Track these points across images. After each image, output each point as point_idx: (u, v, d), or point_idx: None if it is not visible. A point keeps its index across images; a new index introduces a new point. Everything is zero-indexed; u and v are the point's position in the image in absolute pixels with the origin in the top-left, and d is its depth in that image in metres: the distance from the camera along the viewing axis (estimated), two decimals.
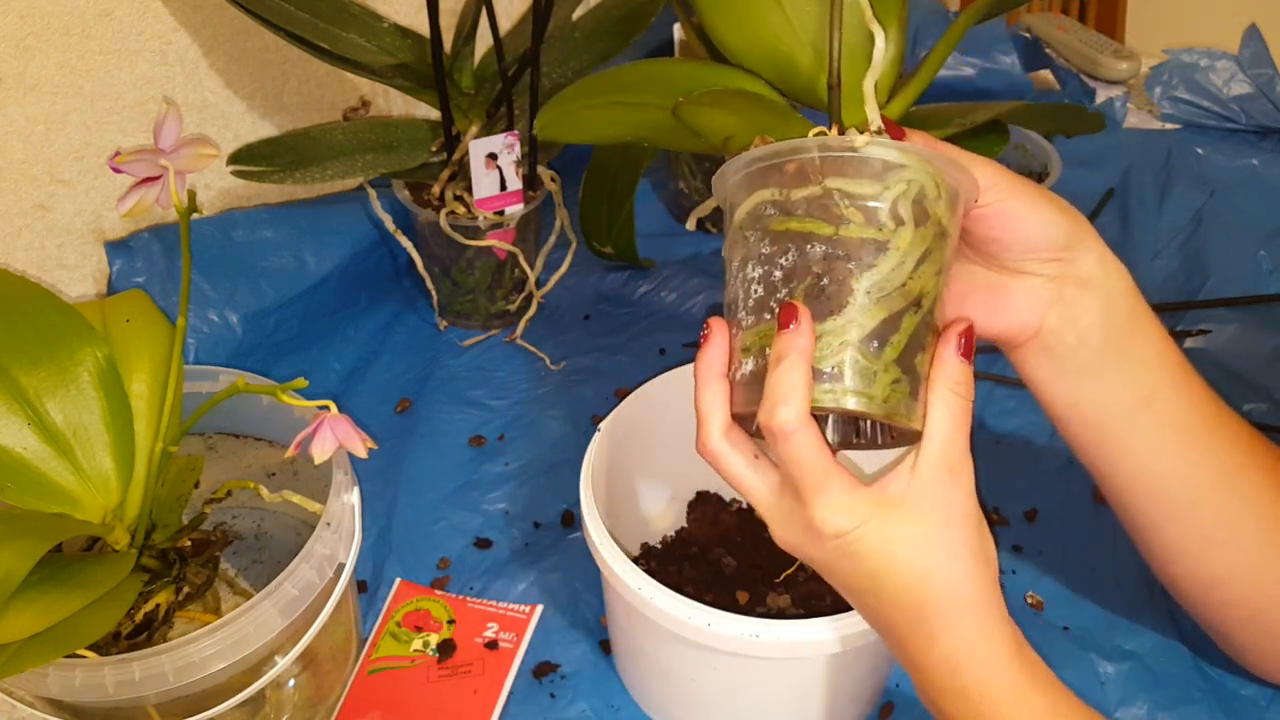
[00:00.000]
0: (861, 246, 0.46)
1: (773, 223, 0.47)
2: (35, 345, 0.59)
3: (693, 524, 0.74)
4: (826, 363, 0.46)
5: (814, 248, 0.46)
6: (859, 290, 0.46)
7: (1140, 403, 0.53)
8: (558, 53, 0.86)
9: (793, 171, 0.47)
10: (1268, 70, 1.10)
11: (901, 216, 0.46)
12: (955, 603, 0.46)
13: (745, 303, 0.48)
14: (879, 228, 0.46)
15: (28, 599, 0.50)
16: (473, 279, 0.90)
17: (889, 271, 0.46)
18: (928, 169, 0.46)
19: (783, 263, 0.47)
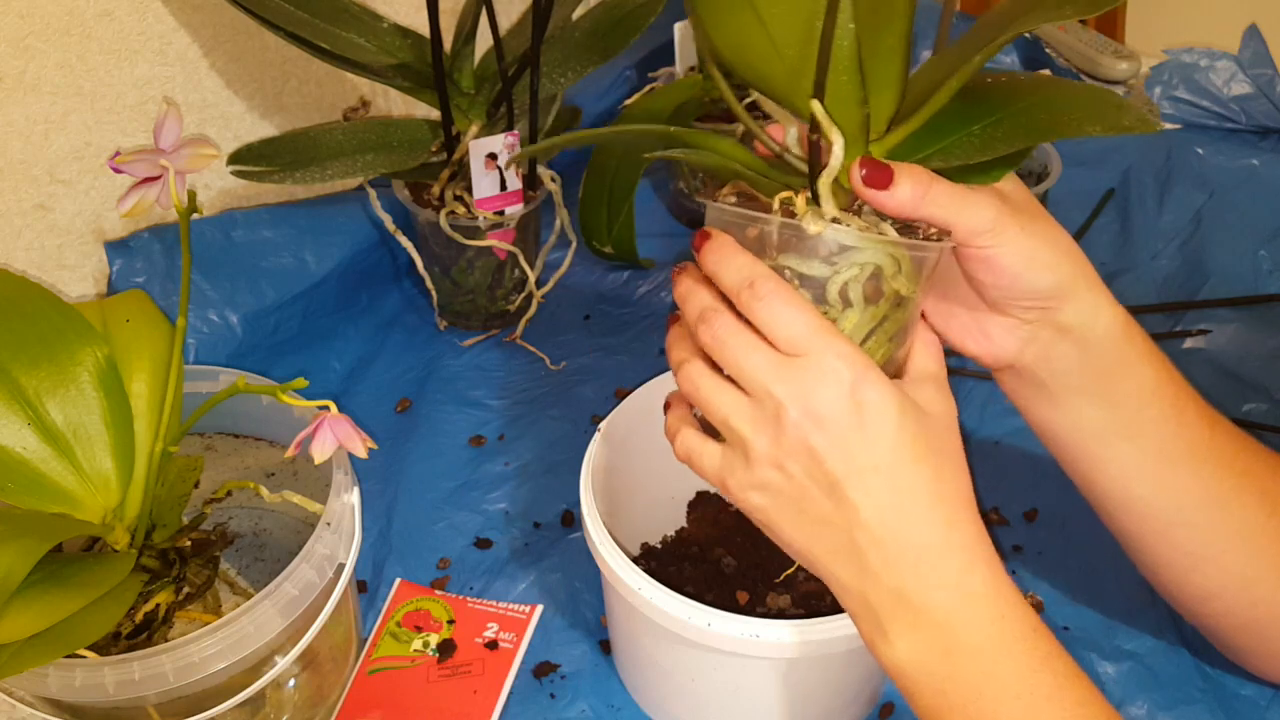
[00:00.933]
0: None
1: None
2: (35, 345, 0.59)
3: (693, 524, 0.74)
4: None
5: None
6: None
7: (1117, 434, 0.53)
8: (558, 53, 0.86)
9: (753, 236, 0.47)
10: (1268, 70, 1.10)
11: (850, 299, 0.46)
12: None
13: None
14: (826, 309, 0.46)
15: (28, 599, 0.50)
16: (473, 279, 0.90)
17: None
18: (886, 249, 0.46)
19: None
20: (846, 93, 0.45)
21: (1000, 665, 0.44)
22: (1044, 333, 0.51)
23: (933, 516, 0.45)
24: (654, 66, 1.06)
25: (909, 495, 0.45)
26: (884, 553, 0.45)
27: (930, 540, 0.45)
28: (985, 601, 0.45)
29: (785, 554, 0.70)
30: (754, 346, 0.46)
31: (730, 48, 0.46)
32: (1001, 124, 0.47)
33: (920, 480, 0.45)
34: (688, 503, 0.75)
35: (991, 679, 0.44)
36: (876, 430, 0.45)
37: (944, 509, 0.45)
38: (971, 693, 0.44)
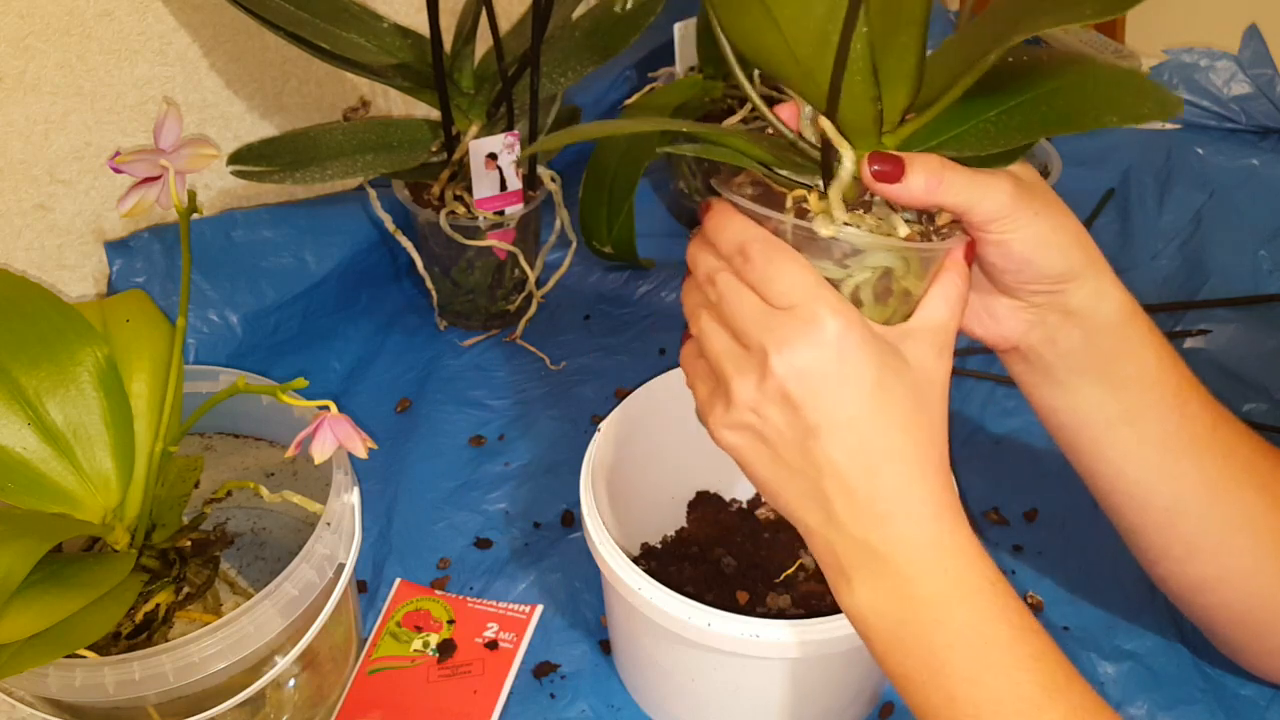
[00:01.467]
0: None
1: None
2: (35, 345, 0.59)
3: (693, 524, 0.74)
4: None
5: None
6: None
7: (1121, 419, 0.53)
8: (558, 53, 0.86)
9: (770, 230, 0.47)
10: (1268, 70, 1.10)
11: (861, 299, 0.47)
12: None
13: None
14: None
15: (28, 599, 0.50)
16: (473, 279, 0.90)
17: None
18: (900, 253, 0.47)
19: None
20: (860, 90, 0.45)
21: (955, 614, 0.45)
22: (1050, 316, 0.52)
23: (900, 470, 0.46)
24: (654, 66, 1.06)
25: (879, 448, 0.46)
26: (851, 502, 0.46)
27: (896, 493, 0.46)
28: (945, 552, 0.46)
29: (785, 554, 0.71)
30: (746, 298, 0.47)
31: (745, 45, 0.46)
32: (1017, 112, 0.46)
33: (891, 434, 0.46)
34: (688, 503, 0.75)
35: (945, 627, 0.45)
36: (854, 383, 0.45)
37: (912, 464, 0.46)
38: (926, 640, 0.45)
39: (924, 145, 0.48)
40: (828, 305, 0.45)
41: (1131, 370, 0.53)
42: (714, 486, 0.75)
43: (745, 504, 0.75)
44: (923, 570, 0.45)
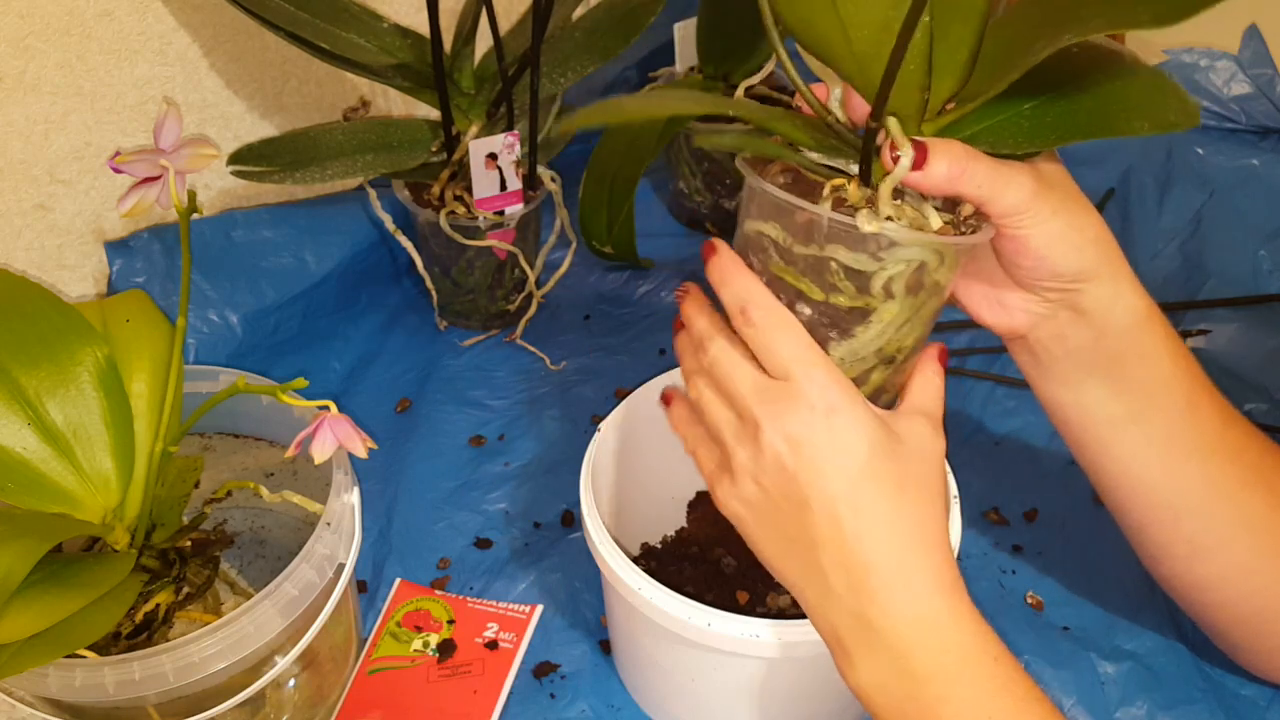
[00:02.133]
0: (848, 315, 0.47)
1: (772, 264, 0.48)
2: (35, 345, 0.59)
3: (693, 524, 0.74)
4: None
5: (802, 306, 0.48)
6: (834, 355, 0.48)
7: (1127, 419, 0.53)
8: (558, 53, 0.86)
9: (801, 223, 0.47)
10: (1268, 70, 1.10)
11: (893, 292, 0.47)
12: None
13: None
14: (868, 299, 0.47)
15: (28, 599, 0.50)
16: (473, 279, 0.90)
17: (866, 341, 0.48)
18: (935, 248, 0.46)
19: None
20: (912, 79, 0.45)
21: (955, 690, 0.45)
22: (1062, 313, 0.51)
23: (895, 544, 0.46)
24: (654, 66, 1.06)
25: (871, 522, 0.46)
26: (847, 575, 0.46)
27: (890, 566, 0.46)
28: (944, 627, 0.45)
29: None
30: (741, 368, 0.48)
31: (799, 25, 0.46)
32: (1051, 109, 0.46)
33: (885, 508, 0.46)
34: (688, 503, 0.75)
35: (947, 703, 0.45)
36: (847, 455, 0.46)
37: (907, 537, 0.46)
38: (930, 716, 0.45)
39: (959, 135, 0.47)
40: (823, 380, 0.46)
41: (1142, 373, 0.52)
42: None
43: None
44: (921, 646, 0.45)
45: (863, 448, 0.46)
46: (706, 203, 1.03)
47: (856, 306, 0.47)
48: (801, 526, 0.47)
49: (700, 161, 1.00)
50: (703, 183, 1.02)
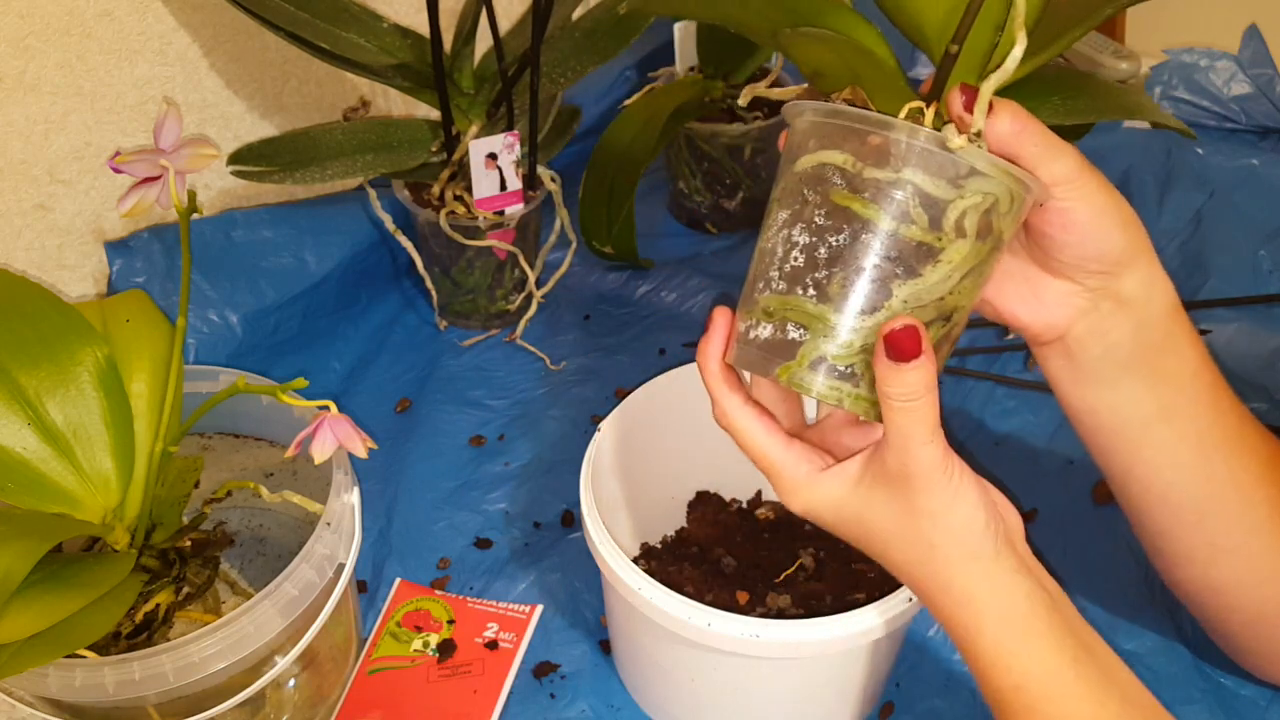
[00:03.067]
0: (916, 251, 0.44)
1: (835, 193, 0.45)
2: (35, 345, 0.59)
3: (693, 524, 0.74)
4: (843, 361, 0.45)
5: (868, 238, 0.44)
6: (897, 298, 0.45)
7: (1159, 416, 0.53)
8: (558, 53, 0.86)
9: (874, 145, 0.45)
10: (1268, 70, 1.10)
11: (965, 229, 0.45)
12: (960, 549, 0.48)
13: (781, 265, 0.47)
14: (939, 235, 0.44)
15: (28, 599, 0.50)
16: (473, 279, 0.90)
17: (932, 284, 0.45)
18: (1009, 183, 0.45)
19: (833, 242, 0.45)
20: (981, 33, 0.45)
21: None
22: (1104, 303, 0.50)
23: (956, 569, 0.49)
24: (654, 66, 1.06)
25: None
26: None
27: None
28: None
29: (785, 554, 0.71)
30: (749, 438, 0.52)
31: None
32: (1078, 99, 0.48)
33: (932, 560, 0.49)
34: (688, 503, 0.75)
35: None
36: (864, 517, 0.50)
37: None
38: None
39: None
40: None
41: (1174, 365, 0.52)
42: (714, 486, 0.75)
43: (745, 504, 0.75)
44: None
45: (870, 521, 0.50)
46: (706, 203, 1.03)
47: (925, 243, 0.44)
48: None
49: (700, 161, 1.00)
50: (703, 183, 1.02)
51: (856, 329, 0.45)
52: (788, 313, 0.46)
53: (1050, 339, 0.52)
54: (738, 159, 1.00)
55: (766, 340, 0.47)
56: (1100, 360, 0.52)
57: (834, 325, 0.45)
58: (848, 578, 0.68)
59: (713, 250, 1.02)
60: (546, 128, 0.88)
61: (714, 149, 0.99)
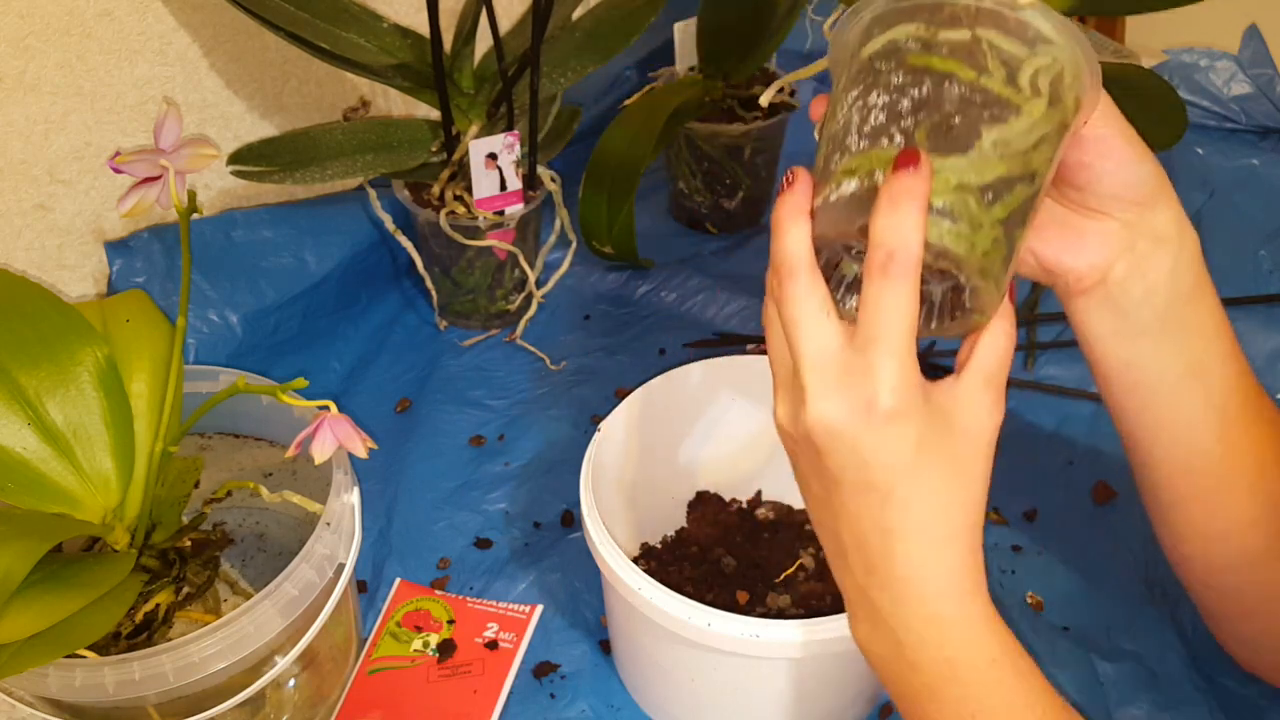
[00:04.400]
0: (997, 101, 0.44)
1: (911, 56, 0.45)
2: (35, 345, 0.59)
3: (692, 524, 0.74)
4: (938, 199, 0.44)
5: (950, 86, 0.44)
6: (987, 139, 0.44)
7: (1189, 371, 0.53)
8: (558, 53, 0.86)
9: (945, 14, 0.45)
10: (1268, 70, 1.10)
11: (1040, 89, 0.45)
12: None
13: (860, 128, 0.46)
14: (1017, 90, 0.45)
15: (28, 599, 0.50)
16: (473, 279, 0.90)
17: (1019, 132, 0.44)
18: (1075, 54, 0.45)
19: (914, 93, 0.45)
20: None
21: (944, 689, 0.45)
22: (1141, 242, 0.51)
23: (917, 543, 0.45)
24: (654, 66, 1.06)
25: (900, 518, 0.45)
26: (864, 560, 0.46)
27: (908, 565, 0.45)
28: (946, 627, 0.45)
29: (785, 554, 0.71)
30: (811, 327, 0.45)
31: None
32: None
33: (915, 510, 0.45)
34: (688, 503, 0.75)
35: (933, 698, 0.46)
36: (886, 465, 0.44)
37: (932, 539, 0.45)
38: (915, 698, 0.46)
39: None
40: (893, 377, 0.43)
41: (1202, 316, 0.52)
42: (714, 486, 0.75)
43: (745, 504, 0.75)
44: (919, 643, 0.45)
45: (906, 453, 0.44)
46: (706, 203, 1.03)
47: (1004, 96, 0.45)
48: (827, 492, 0.46)
49: (700, 161, 1.00)
50: (703, 183, 1.02)
51: (950, 167, 0.44)
52: (875, 164, 0.45)
53: (1093, 282, 0.52)
54: (738, 159, 1.00)
55: (853, 194, 0.45)
56: (1141, 306, 0.52)
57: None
58: None
59: (713, 250, 1.02)
60: (546, 128, 0.88)
61: (714, 149, 0.99)
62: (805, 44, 1.19)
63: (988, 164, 0.44)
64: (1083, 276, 0.52)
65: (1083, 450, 0.81)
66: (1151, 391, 0.54)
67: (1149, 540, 0.73)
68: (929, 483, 0.45)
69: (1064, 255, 0.52)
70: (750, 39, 0.95)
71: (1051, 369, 0.87)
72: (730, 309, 0.95)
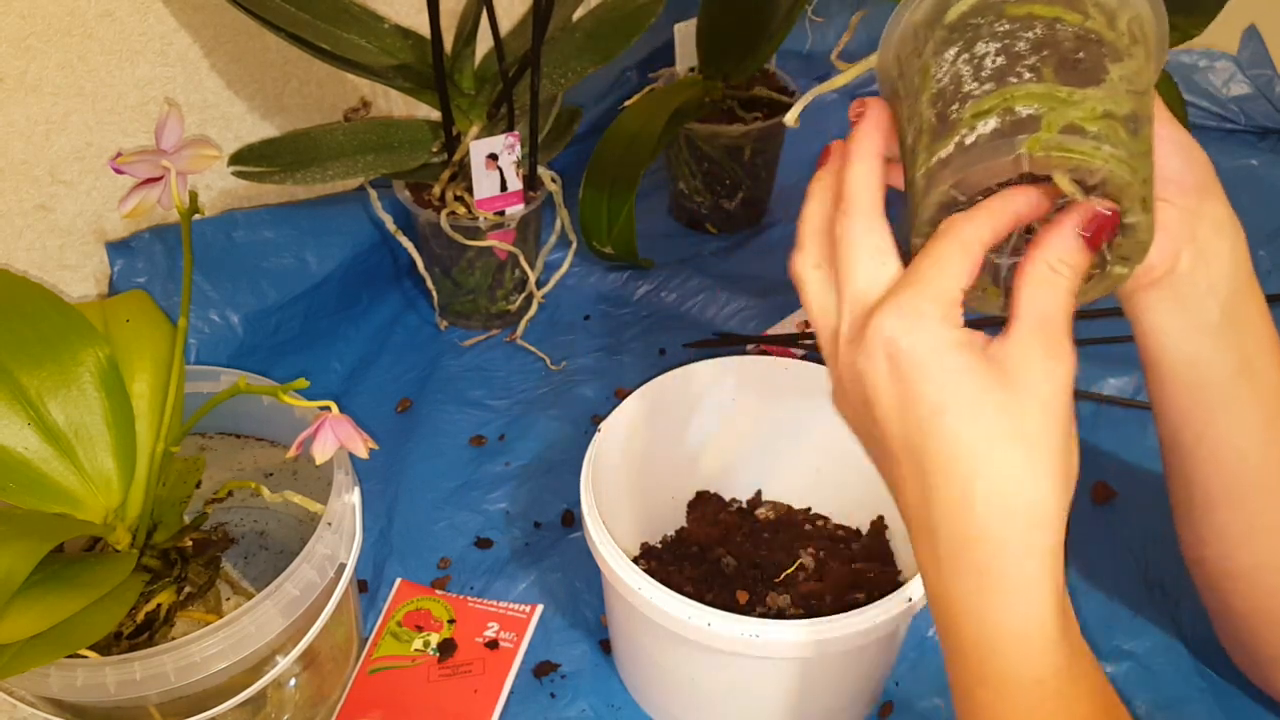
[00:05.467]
0: (1109, 42, 0.44)
1: (1009, 6, 0.44)
2: (37, 345, 0.59)
3: (693, 524, 0.74)
4: (1092, 125, 0.42)
5: (1062, 27, 0.43)
6: (1114, 74, 0.43)
7: (1242, 369, 0.53)
8: (558, 54, 0.86)
9: None
10: (1266, 71, 1.10)
11: (1137, 36, 0.45)
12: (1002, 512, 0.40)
13: (978, 74, 0.43)
14: (1119, 34, 0.44)
15: (29, 599, 0.50)
16: (473, 279, 0.90)
17: (1134, 71, 0.43)
18: (1151, 11, 0.46)
19: (1029, 35, 0.43)
20: None
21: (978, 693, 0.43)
22: (1203, 229, 0.51)
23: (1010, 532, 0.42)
24: (654, 66, 1.06)
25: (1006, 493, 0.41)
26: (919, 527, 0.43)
27: (990, 553, 0.41)
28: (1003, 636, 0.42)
29: (785, 554, 0.71)
30: (872, 267, 0.43)
31: None
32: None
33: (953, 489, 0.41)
34: (688, 503, 0.75)
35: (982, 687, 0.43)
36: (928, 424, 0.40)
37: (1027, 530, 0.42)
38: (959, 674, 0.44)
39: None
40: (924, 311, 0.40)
41: (1253, 312, 0.52)
42: (714, 486, 0.75)
43: (745, 504, 0.75)
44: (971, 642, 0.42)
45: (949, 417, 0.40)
46: (706, 203, 1.03)
47: (1109, 39, 0.44)
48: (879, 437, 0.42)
49: (700, 162, 1.01)
50: (703, 183, 1.02)
51: (1094, 96, 0.42)
52: (1012, 101, 0.42)
53: (1163, 272, 0.51)
54: (738, 159, 1.00)
55: (995, 129, 0.42)
56: (1205, 298, 0.51)
57: (1066, 95, 0.42)
58: (848, 578, 0.68)
59: (713, 250, 1.02)
60: (547, 128, 0.88)
61: (714, 149, 0.99)
62: (805, 45, 1.19)
63: (1123, 97, 0.43)
64: (1152, 267, 0.51)
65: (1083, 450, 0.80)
66: (1206, 388, 0.53)
67: (1149, 540, 0.74)
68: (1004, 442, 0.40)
69: None
70: (750, 40, 0.95)
71: None
72: (730, 309, 0.95)
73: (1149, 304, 0.52)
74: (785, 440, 0.72)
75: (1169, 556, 0.61)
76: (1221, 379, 0.53)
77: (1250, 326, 0.53)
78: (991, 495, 0.41)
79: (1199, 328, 0.52)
